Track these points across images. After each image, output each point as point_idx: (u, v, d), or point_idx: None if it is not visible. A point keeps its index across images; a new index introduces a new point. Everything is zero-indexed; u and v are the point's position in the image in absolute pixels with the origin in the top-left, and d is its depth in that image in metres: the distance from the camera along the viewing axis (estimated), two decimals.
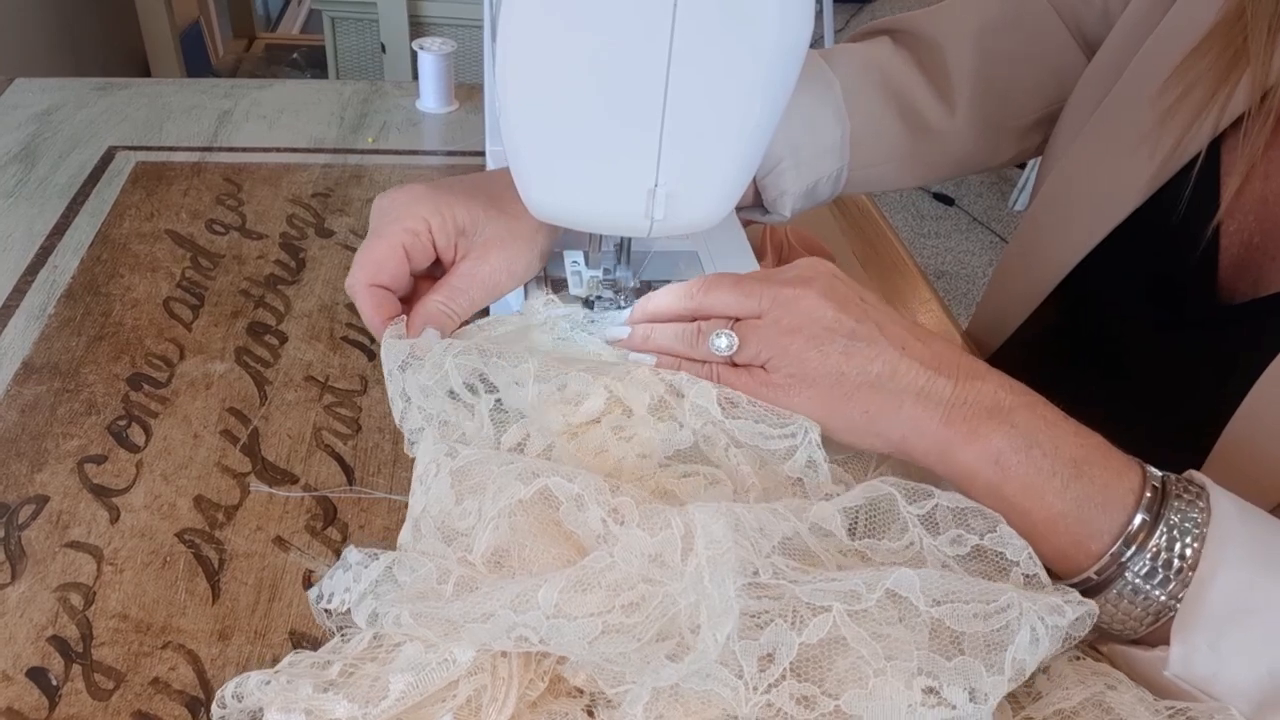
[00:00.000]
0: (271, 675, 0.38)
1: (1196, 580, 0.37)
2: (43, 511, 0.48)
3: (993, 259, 2.54)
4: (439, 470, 0.44)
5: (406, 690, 0.37)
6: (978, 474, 0.41)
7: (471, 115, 0.90)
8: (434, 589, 0.40)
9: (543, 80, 0.45)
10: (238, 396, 0.56)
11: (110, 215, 0.71)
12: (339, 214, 0.74)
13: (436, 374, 0.47)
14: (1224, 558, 0.37)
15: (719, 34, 0.42)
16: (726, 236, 0.63)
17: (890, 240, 0.78)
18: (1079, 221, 0.59)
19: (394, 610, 0.39)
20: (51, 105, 0.85)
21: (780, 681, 0.36)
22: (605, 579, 0.38)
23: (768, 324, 0.45)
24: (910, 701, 0.36)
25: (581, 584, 0.38)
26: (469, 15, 1.89)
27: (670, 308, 0.49)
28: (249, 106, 0.88)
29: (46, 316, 0.61)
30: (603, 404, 0.45)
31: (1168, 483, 0.40)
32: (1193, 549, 0.38)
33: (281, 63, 2.42)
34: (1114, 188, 0.57)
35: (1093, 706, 0.38)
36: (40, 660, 0.42)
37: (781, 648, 0.37)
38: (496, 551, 0.41)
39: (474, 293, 0.51)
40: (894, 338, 0.44)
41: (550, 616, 0.37)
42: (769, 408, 0.45)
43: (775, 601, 0.37)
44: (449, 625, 0.38)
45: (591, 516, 0.40)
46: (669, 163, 0.46)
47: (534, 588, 0.37)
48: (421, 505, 0.44)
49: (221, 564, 0.46)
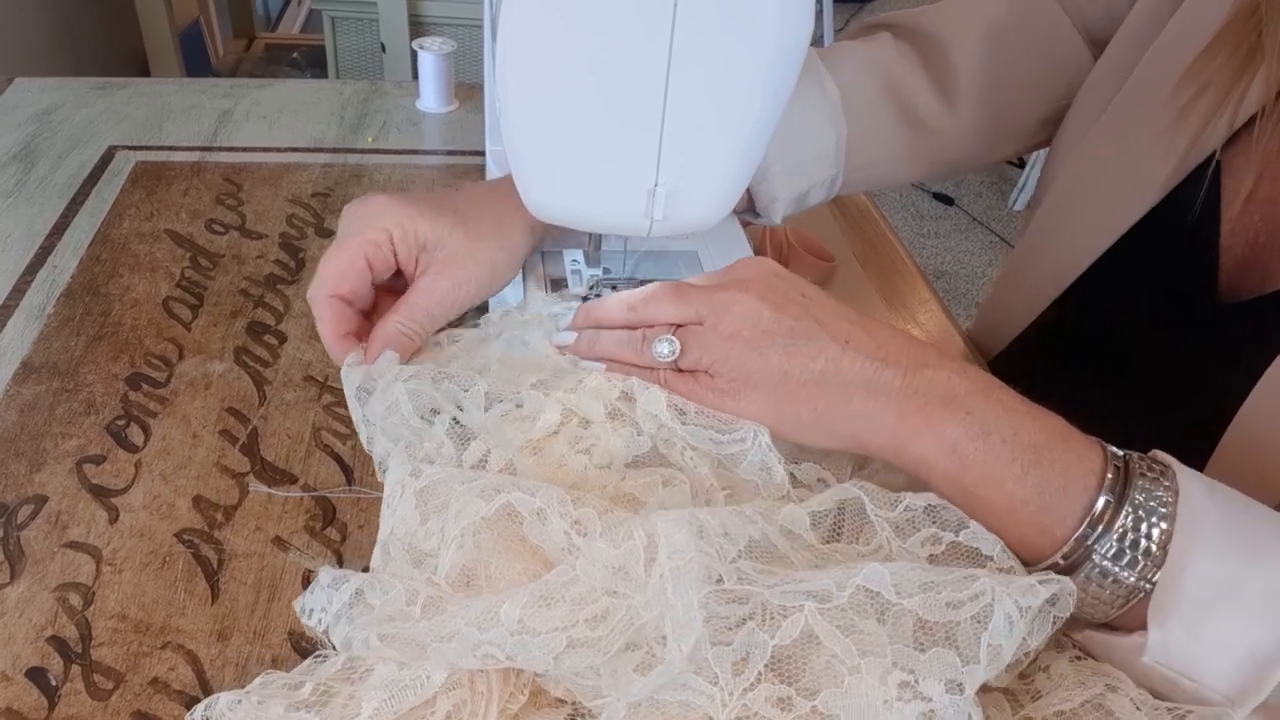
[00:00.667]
0: (242, 695, 0.38)
1: (1169, 564, 0.37)
2: (41, 511, 0.48)
3: (992, 259, 2.54)
4: (404, 491, 0.43)
5: (380, 708, 0.37)
6: (935, 464, 0.41)
7: (471, 115, 0.89)
8: (403, 610, 0.39)
9: (543, 80, 0.45)
10: (237, 396, 0.56)
11: (110, 215, 0.71)
12: (339, 214, 0.73)
13: (388, 401, 0.47)
14: (1196, 539, 0.37)
15: (719, 34, 0.42)
16: (726, 236, 0.63)
17: (890, 240, 0.78)
18: (1090, 223, 0.58)
19: (363, 633, 0.39)
20: (51, 105, 0.85)
21: (756, 685, 0.36)
22: (569, 593, 0.37)
23: (708, 330, 0.45)
24: (886, 697, 0.35)
25: (545, 599, 0.37)
26: (469, 15, 1.89)
27: (613, 320, 0.49)
28: (249, 106, 0.88)
29: (46, 316, 0.61)
30: (558, 417, 0.46)
31: (1130, 462, 0.39)
32: (1160, 529, 0.37)
33: (281, 62, 2.42)
34: (1126, 189, 0.56)
35: (1093, 709, 0.38)
36: (39, 660, 0.42)
37: (755, 651, 0.36)
38: (463, 570, 0.41)
39: (433, 309, 0.51)
40: (837, 332, 0.44)
41: (514, 633, 0.36)
42: (716, 414, 0.45)
43: (743, 605, 0.37)
44: (416, 646, 0.38)
45: (555, 529, 0.40)
46: (669, 163, 0.46)
47: (497, 604, 0.37)
48: (389, 528, 0.44)
49: (220, 564, 0.46)
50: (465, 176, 0.80)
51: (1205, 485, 0.39)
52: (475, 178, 0.79)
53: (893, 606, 0.37)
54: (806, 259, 0.70)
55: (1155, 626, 0.37)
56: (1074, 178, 0.61)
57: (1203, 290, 0.54)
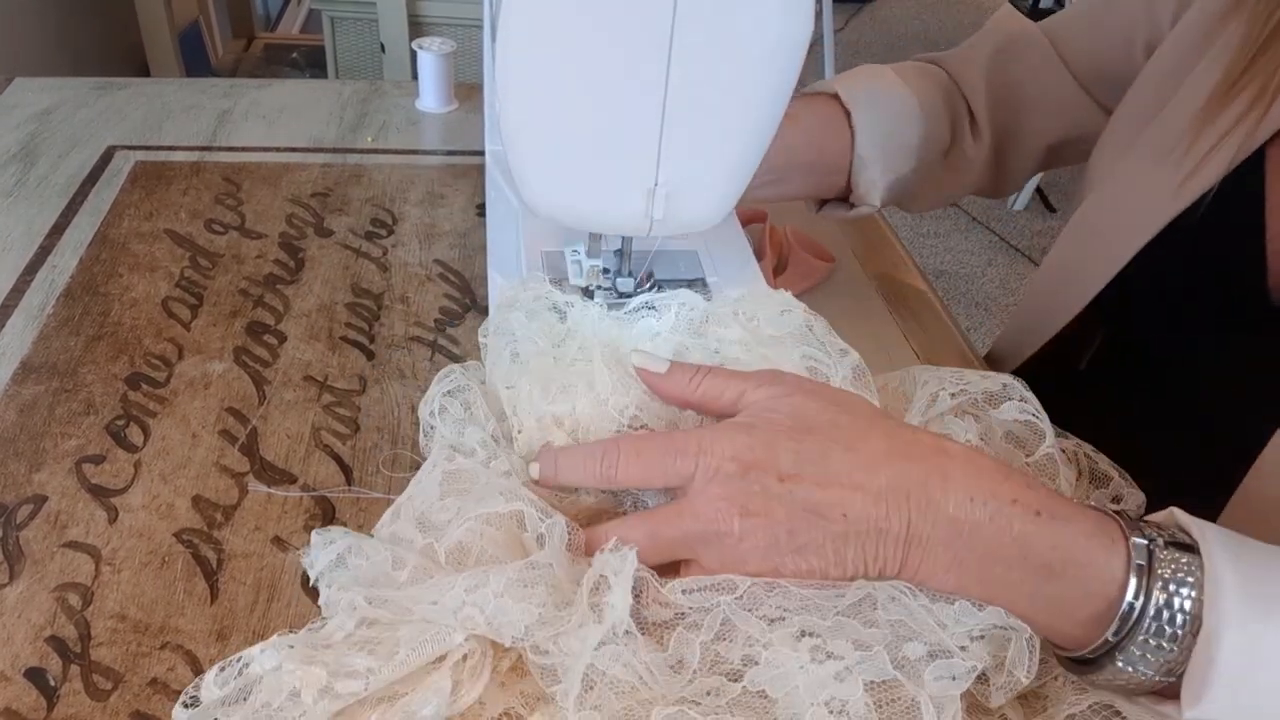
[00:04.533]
0: (273, 644, 0.39)
1: (1201, 642, 0.36)
2: (41, 511, 0.48)
3: (992, 259, 2.55)
4: (434, 468, 0.46)
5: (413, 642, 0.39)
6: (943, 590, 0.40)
7: (471, 115, 0.89)
8: (388, 574, 0.41)
9: (543, 80, 0.45)
10: (236, 396, 0.56)
11: (109, 215, 0.71)
12: (338, 213, 0.74)
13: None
14: (1225, 616, 0.35)
15: (719, 34, 0.42)
16: (726, 236, 0.63)
17: (890, 240, 0.78)
18: (1125, 223, 0.58)
19: (347, 595, 0.41)
20: (51, 105, 0.85)
21: (692, 681, 0.38)
22: (546, 579, 0.40)
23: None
24: (801, 663, 0.37)
25: (524, 582, 0.40)
26: (469, 15, 1.89)
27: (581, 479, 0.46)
28: (248, 106, 0.88)
29: (45, 316, 0.61)
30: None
31: (1154, 552, 0.38)
32: (1187, 610, 0.36)
33: (281, 62, 2.42)
34: (1154, 197, 0.55)
35: (1103, 708, 0.38)
36: (38, 660, 0.42)
37: (687, 652, 0.39)
38: (463, 550, 0.43)
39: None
40: (833, 511, 0.40)
41: (498, 595, 0.39)
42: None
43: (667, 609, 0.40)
44: (402, 609, 0.40)
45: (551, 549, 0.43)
46: (669, 162, 0.46)
47: (485, 573, 0.40)
48: (409, 494, 0.46)
49: (220, 564, 0.46)
50: (465, 176, 0.80)
51: (1230, 551, 0.37)
52: (475, 178, 0.79)
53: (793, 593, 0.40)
54: (806, 259, 0.70)
55: (1189, 706, 0.36)
56: (1110, 185, 0.60)
57: (1244, 296, 0.53)
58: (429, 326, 0.63)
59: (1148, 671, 0.37)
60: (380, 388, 0.57)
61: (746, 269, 0.61)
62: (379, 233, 0.72)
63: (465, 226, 0.73)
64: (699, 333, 0.51)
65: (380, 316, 0.63)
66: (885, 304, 0.70)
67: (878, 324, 0.68)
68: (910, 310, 0.70)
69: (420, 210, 0.75)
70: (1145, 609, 0.36)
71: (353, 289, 0.66)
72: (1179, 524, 0.39)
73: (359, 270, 0.68)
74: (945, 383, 0.50)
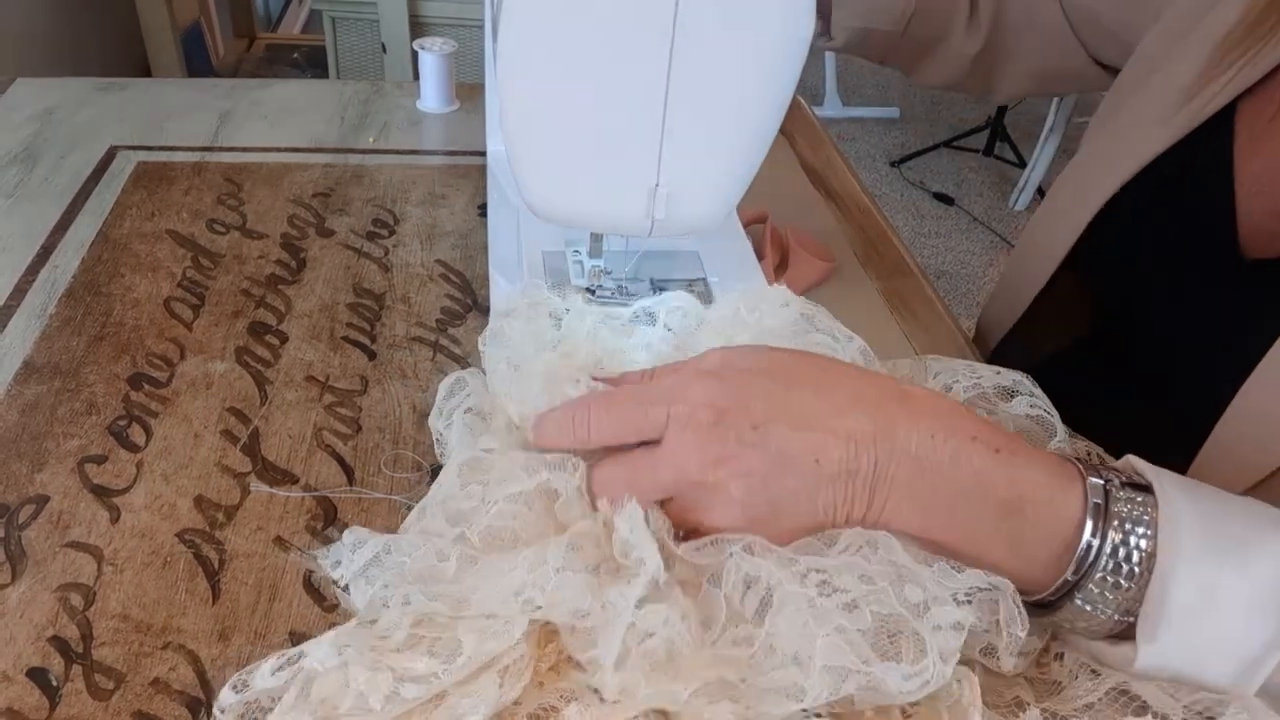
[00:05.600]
0: (330, 641, 0.38)
1: (1155, 579, 0.36)
2: (43, 511, 0.48)
3: (993, 259, 2.54)
4: (452, 464, 0.46)
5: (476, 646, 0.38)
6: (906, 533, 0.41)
7: (472, 115, 0.90)
8: (434, 568, 0.41)
9: (543, 80, 0.45)
10: (238, 396, 0.56)
11: (111, 215, 0.71)
12: (340, 214, 0.74)
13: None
14: (1179, 553, 0.36)
15: (719, 34, 0.42)
16: (727, 236, 0.63)
17: (890, 240, 0.78)
18: (1098, 178, 0.59)
19: (400, 590, 0.40)
20: (52, 105, 0.85)
21: (721, 635, 0.39)
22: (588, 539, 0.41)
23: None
24: (809, 597, 0.37)
25: (573, 547, 0.40)
26: (469, 15, 1.90)
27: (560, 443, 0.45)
28: (249, 106, 0.88)
29: (47, 316, 0.61)
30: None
31: (1110, 492, 0.38)
32: (1142, 549, 0.37)
33: (282, 63, 2.42)
34: (1135, 144, 0.57)
35: (1118, 694, 0.38)
36: (40, 660, 0.42)
37: (715, 607, 0.39)
38: (492, 531, 0.43)
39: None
40: (804, 454, 0.40)
41: (558, 570, 0.39)
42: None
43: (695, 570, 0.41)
44: (458, 602, 0.40)
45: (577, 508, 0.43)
46: (670, 162, 0.46)
47: (540, 550, 0.40)
48: (431, 493, 0.46)
49: (221, 564, 0.46)
50: (466, 177, 0.80)
51: (1184, 493, 0.38)
52: (476, 178, 0.79)
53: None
54: (807, 259, 0.70)
55: (1145, 641, 0.37)
56: (1088, 149, 0.62)
57: (1216, 252, 0.54)
58: (430, 327, 0.63)
59: (1106, 610, 0.38)
60: (382, 388, 0.58)
61: (747, 269, 0.61)
62: (380, 233, 0.72)
63: (466, 227, 0.73)
64: (684, 349, 0.51)
65: (382, 317, 0.63)
66: (886, 304, 0.70)
67: (878, 324, 0.68)
68: (911, 310, 0.70)
69: (421, 210, 0.75)
70: (1102, 548, 0.37)
71: (354, 289, 0.66)
72: (1135, 468, 0.40)
73: (360, 270, 0.68)
74: (959, 375, 0.50)
